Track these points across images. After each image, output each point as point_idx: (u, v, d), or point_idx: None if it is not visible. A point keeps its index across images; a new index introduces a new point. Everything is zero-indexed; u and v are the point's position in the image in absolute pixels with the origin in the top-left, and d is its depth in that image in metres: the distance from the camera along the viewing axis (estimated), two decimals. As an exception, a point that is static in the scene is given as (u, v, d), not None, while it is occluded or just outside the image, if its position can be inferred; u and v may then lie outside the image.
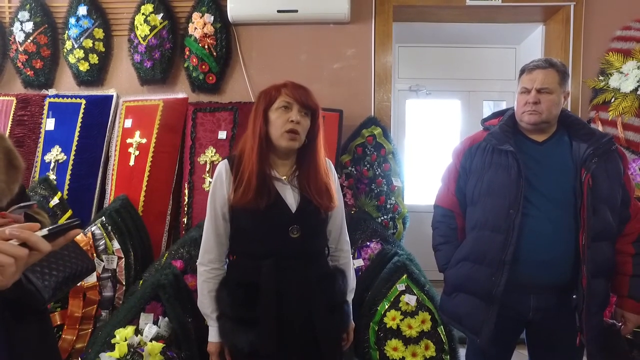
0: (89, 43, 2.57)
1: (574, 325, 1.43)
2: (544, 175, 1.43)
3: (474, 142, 1.57)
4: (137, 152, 2.41)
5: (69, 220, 0.70)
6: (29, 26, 2.59)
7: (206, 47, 2.51)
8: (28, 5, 2.61)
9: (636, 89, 2.44)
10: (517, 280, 1.40)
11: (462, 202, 1.58)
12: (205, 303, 1.33)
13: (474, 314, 1.47)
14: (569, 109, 2.58)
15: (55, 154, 2.46)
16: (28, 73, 2.64)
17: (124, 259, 2.12)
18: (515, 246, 1.38)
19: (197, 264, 1.38)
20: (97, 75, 2.65)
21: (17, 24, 2.61)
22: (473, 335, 1.49)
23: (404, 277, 1.95)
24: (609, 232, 1.42)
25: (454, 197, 1.60)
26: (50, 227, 0.67)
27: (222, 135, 2.44)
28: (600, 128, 2.50)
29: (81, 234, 2.12)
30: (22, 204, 1.00)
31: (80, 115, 2.50)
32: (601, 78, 2.54)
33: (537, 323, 1.48)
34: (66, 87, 2.69)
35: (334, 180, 1.39)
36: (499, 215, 1.42)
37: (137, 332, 1.67)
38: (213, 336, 1.33)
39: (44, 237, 0.65)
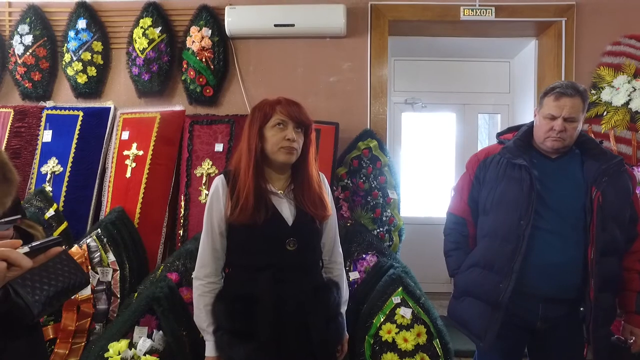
0: (87, 56, 2.59)
1: (581, 337, 1.47)
2: (556, 190, 1.48)
3: (488, 155, 1.63)
4: (133, 164, 2.42)
5: (51, 238, 0.72)
6: (28, 39, 2.61)
7: (204, 60, 2.54)
8: (28, 19, 2.63)
9: (627, 103, 2.48)
10: (525, 289, 1.45)
11: (474, 210, 1.64)
12: (202, 317, 1.33)
13: (479, 318, 1.50)
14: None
15: (52, 166, 2.46)
16: (26, 85, 2.66)
17: (119, 272, 2.11)
18: (523, 256, 1.43)
19: (192, 277, 1.37)
20: (95, 87, 2.66)
21: (16, 37, 2.63)
22: (477, 339, 1.52)
23: (400, 289, 1.95)
24: (617, 248, 1.46)
25: (466, 205, 1.66)
26: (32, 245, 0.68)
27: (219, 147, 2.45)
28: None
29: (76, 246, 2.12)
30: (3, 220, 1.00)
31: (78, 127, 2.51)
32: (593, 92, 2.57)
33: (544, 332, 1.51)
34: (64, 99, 2.71)
35: (327, 193, 1.41)
36: (510, 226, 1.47)
37: (131, 345, 1.65)
38: (210, 350, 1.32)
39: (26, 253, 0.66)
